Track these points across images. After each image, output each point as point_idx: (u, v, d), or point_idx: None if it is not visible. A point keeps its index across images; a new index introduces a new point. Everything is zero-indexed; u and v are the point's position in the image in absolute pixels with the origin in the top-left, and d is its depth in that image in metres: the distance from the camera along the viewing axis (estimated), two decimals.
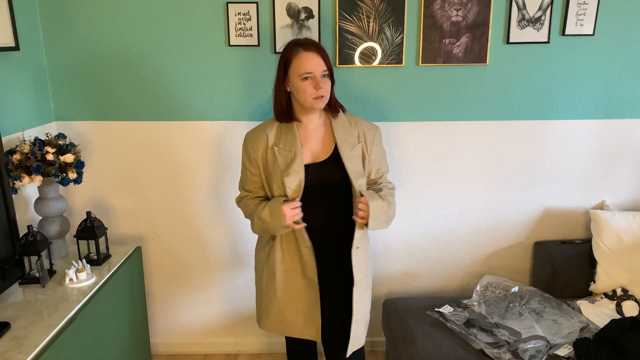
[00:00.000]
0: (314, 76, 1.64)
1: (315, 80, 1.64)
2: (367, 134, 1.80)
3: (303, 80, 1.64)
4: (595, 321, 2.04)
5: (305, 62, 1.63)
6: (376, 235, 2.43)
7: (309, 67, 1.63)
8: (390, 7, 2.12)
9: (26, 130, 2.06)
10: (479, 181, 2.37)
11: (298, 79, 1.64)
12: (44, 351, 1.47)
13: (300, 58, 1.64)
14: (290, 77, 1.67)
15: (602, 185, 2.39)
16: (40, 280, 1.83)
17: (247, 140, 1.80)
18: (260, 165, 1.76)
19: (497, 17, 2.16)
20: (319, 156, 1.75)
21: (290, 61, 1.65)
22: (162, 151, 2.32)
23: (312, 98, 1.65)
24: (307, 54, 1.63)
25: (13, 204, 1.71)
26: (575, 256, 2.29)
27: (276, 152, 1.72)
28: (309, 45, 1.66)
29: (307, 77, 1.64)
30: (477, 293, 2.24)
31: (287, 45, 1.70)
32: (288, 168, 1.69)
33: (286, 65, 1.67)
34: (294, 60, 1.65)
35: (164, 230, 2.43)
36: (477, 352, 1.88)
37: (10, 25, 1.91)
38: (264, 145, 1.74)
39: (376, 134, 1.83)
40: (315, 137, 1.77)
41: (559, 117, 2.29)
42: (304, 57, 1.63)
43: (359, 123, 1.81)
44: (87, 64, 2.20)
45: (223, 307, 2.54)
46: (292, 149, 1.71)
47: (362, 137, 1.79)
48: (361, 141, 1.78)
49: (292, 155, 1.70)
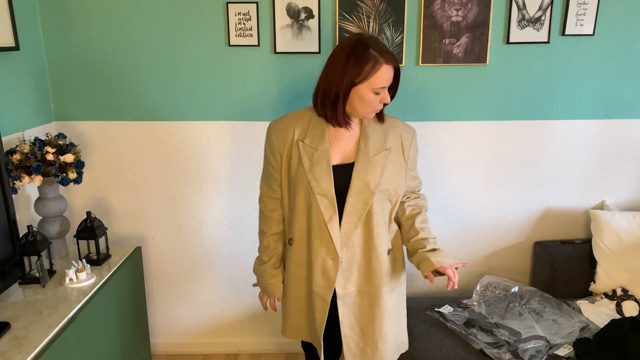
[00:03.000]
0: (385, 90, 1.51)
1: (383, 95, 1.50)
2: (405, 138, 1.62)
3: (374, 94, 1.48)
4: (595, 321, 2.04)
5: (384, 76, 1.47)
6: None
7: (385, 82, 1.48)
8: (390, 7, 2.12)
9: (26, 130, 2.06)
10: (479, 181, 2.37)
11: (369, 90, 1.47)
12: (44, 351, 1.47)
13: (381, 72, 1.46)
14: (362, 87, 1.47)
15: (602, 185, 2.39)
16: (40, 280, 1.83)
17: (272, 132, 1.60)
18: (285, 161, 1.59)
19: (497, 17, 2.16)
20: (349, 157, 1.58)
21: (373, 73, 1.45)
22: (162, 151, 2.32)
23: (372, 109, 1.52)
24: (388, 68, 1.47)
25: (13, 204, 1.71)
26: (575, 256, 2.29)
27: (300, 148, 1.54)
28: (390, 56, 1.48)
29: (379, 92, 1.49)
30: (477, 293, 2.24)
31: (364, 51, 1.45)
32: (313, 168, 1.53)
33: (368, 75, 1.45)
34: (376, 73, 1.46)
35: (164, 230, 2.43)
36: (477, 352, 1.88)
37: (10, 25, 1.91)
38: (290, 139, 1.57)
39: (414, 137, 1.66)
40: (348, 136, 1.59)
41: (559, 117, 2.29)
42: (384, 71, 1.46)
43: (397, 125, 1.64)
44: (87, 64, 2.20)
45: (223, 307, 2.54)
46: (319, 146, 1.54)
47: (400, 141, 1.61)
48: (391, 147, 1.59)
49: (319, 153, 1.53)
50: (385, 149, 1.58)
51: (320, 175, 1.53)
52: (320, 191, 1.53)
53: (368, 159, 1.55)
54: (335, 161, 1.56)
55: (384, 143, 1.59)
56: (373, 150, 1.57)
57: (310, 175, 1.53)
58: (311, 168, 1.53)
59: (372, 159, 1.56)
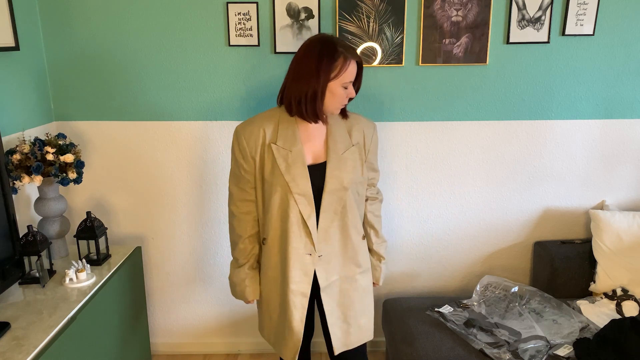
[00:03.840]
0: (350, 85, 1.60)
1: (350, 89, 1.60)
2: (367, 133, 1.72)
3: (343, 88, 1.57)
4: (595, 321, 2.04)
5: (353, 71, 1.57)
6: None
7: (353, 77, 1.58)
8: (390, 7, 2.12)
9: (26, 130, 2.06)
10: (479, 181, 2.38)
11: (340, 86, 1.56)
12: (44, 351, 1.47)
13: (351, 67, 1.56)
14: (334, 83, 1.55)
15: (602, 185, 2.39)
16: (40, 280, 1.83)
17: (240, 135, 1.63)
18: (258, 164, 1.63)
19: (497, 17, 2.16)
20: (320, 156, 1.65)
21: (344, 69, 1.54)
22: (162, 151, 2.32)
23: (340, 104, 1.60)
24: (354, 65, 1.57)
25: (13, 204, 1.71)
26: (575, 256, 2.29)
27: (274, 151, 1.59)
28: (354, 51, 1.58)
29: (347, 87, 1.58)
30: (477, 293, 2.25)
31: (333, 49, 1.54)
32: (290, 170, 1.58)
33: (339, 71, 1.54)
34: (347, 69, 1.54)
35: (164, 230, 2.43)
36: (477, 352, 1.88)
37: (10, 25, 1.91)
38: (261, 142, 1.61)
39: (375, 131, 1.75)
40: (316, 135, 1.65)
41: (559, 117, 2.29)
42: (352, 67, 1.56)
43: (358, 120, 1.72)
44: (87, 64, 2.20)
45: (223, 307, 2.55)
46: (293, 148, 1.60)
47: (362, 136, 1.70)
48: (356, 142, 1.68)
49: (293, 155, 1.59)
50: (352, 145, 1.67)
51: (298, 176, 1.59)
52: (299, 191, 1.59)
53: (338, 157, 1.63)
54: (308, 162, 1.63)
55: (350, 139, 1.68)
56: (341, 147, 1.65)
57: (288, 176, 1.58)
58: (288, 169, 1.59)
59: (342, 157, 1.64)
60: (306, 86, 1.54)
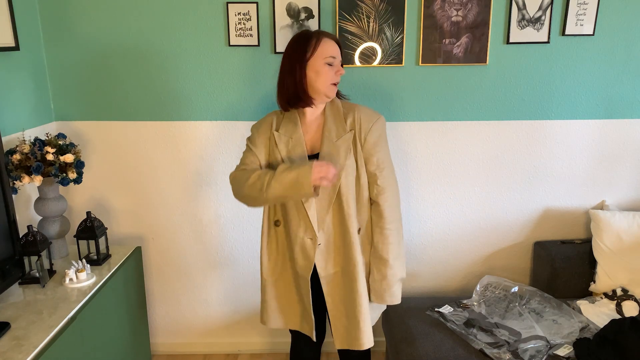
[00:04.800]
0: (336, 62, 1.66)
1: (336, 67, 1.67)
2: (364, 122, 1.69)
3: (326, 64, 1.64)
4: (595, 321, 2.04)
5: (329, 47, 1.65)
6: None
7: (333, 51, 1.65)
8: (390, 7, 2.12)
9: (26, 130, 2.06)
10: (479, 181, 2.37)
11: (322, 62, 1.63)
12: (44, 351, 1.47)
13: (326, 43, 1.64)
14: (314, 60, 1.64)
15: (602, 185, 2.39)
16: (40, 280, 1.83)
17: (253, 129, 1.79)
18: (265, 150, 1.74)
19: (497, 17, 2.16)
20: (318, 146, 1.71)
21: (318, 45, 1.64)
22: (162, 151, 2.32)
23: (330, 83, 1.65)
24: (331, 41, 1.66)
25: (13, 204, 1.71)
26: (575, 256, 2.29)
27: (276, 137, 1.70)
28: (327, 32, 1.69)
29: (331, 63, 1.65)
30: (477, 293, 2.25)
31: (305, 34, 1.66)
32: (290, 155, 1.68)
33: (314, 48, 1.63)
34: (321, 44, 1.64)
35: (164, 230, 2.43)
36: (477, 352, 1.88)
37: (10, 25, 1.91)
38: (269, 131, 1.73)
39: (376, 122, 1.70)
40: (314, 127, 1.73)
41: (559, 117, 2.29)
42: (329, 43, 1.65)
43: (357, 110, 1.72)
44: (87, 63, 2.20)
45: (223, 307, 2.55)
46: (293, 135, 1.70)
47: (358, 125, 1.69)
48: (353, 129, 1.69)
49: (293, 141, 1.69)
50: (347, 132, 1.69)
51: (297, 160, 1.67)
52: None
53: (332, 144, 1.68)
54: (308, 152, 1.70)
55: (345, 126, 1.70)
56: (335, 135, 1.69)
57: (288, 161, 1.67)
58: (288, 154, 1.68)
59: (336, 144, 1.67)
60: (291, 75, 1.65)
